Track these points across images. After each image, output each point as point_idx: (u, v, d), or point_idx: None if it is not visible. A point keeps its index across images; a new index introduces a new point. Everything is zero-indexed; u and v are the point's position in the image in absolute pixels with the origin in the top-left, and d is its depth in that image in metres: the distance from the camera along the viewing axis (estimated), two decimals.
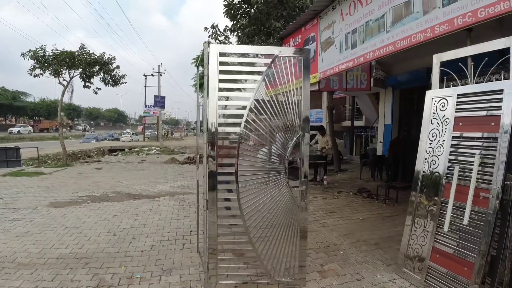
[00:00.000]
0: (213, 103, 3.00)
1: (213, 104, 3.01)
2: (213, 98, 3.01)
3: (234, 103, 3.13)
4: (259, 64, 3.18)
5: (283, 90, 3.17)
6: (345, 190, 8.51)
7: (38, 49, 13.28)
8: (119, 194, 8.11)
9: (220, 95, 3.03)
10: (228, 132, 3.12)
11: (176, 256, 4.20)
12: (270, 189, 3.20)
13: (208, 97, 2.99)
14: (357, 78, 11.59)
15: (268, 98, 3.16)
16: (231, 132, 3.12)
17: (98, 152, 23.43)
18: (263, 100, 3.12)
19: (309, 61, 3.24)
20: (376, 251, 4.43)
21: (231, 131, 3.11)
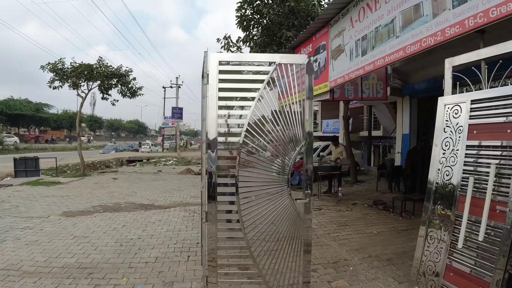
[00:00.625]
0: (213, 112, 2.93)
1: (213, 113, 2.93)
2: (213, 107, 2.94)
3: (234, 112, 3.05)
4: (261, 72, 3.09)
5: (288, 102, 3.07)
6: (360, 202, 8.25)
7: (57, 62, 13.70)
8: (131, 205, 8.13)
9: (220, 104, 2.95)
10: (228, 142, 3.04)
11: (179, 269, 4.11)
12: (272, 201, 3.07)
13: (208, 106, 2.92)
14: (372, 87, 11.39)
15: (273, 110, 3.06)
16: (230, 142, 3.03)
17: (117, 163, 23.79)
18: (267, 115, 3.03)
19: (312, 68, 3.13)
20: (388, 267, 4.21)
21: (230, 141, 3.02)
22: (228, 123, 2.98)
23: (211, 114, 2.93)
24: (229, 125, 2.98)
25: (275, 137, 3.05)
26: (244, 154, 3.01)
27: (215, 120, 2.93)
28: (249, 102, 2.98)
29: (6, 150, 32.74)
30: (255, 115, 3.00)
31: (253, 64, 3.08)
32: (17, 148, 37.20)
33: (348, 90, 10.72)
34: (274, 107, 3.07)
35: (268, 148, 3.07)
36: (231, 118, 2.99)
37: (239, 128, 2.98)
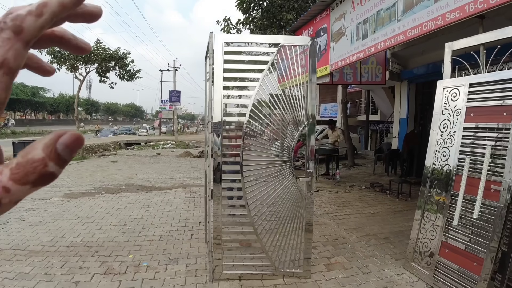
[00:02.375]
0: (219, 92, 3.00)
1: (218, 94, 3.00)
2: (218, 88, 3.00)
3: (240, 92, 3.12)
4: (265, 53, 3.15)
5: (291, 84, 3.14)
6: (357, 184, 8.41)
7: None
8: (132, 186, 8.23)
9: (225, 85, 3.01)
10: (233, 122, 3.12)
11: (183, 246, 4.24)
12: (276, 180, 3.18)
13: (213, 87, 2.98)
14: (371, 71, 11.41)
15: (276, 91, 3.13)
16: (235, 123, 3.11)
17: (115, 146, 23.77)
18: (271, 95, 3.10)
19: (315, 50, 3.18)
20: (385, 245, 4.36)
21: (235, 121, 3.10)
22: (233, 104, 3.05)
23: (216, 94, 2.99)
24: (234, 105, 3.05)
25: (278, 118, 3.13)
26: (248, 135, 3.10)
27: (221, 100, 3.00)
28: (253, 83, 3.04)
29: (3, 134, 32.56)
30: (259, 96, 3.07)
31: (258, 45, 3.13)
32: (14, 132, 36.98)
33: (347, 74, 10.74)
34: (278, 89, 3.14)
35: (271, 129, 3.15)
36: (236, 99, 3.06)
37: (244, 108, 3.05)
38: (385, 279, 3.43)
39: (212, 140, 3.00)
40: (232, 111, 3.09)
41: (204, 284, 3.26)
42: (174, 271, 3.53)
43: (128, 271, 3.52)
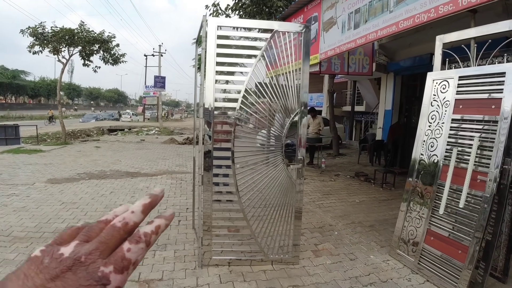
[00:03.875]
0: (211, 77, 2.95)
1: (211, 78, 2.95)
2: (211, 73, 2.95)
3: (232, 78, 3.08)
4: (258, 39, 3.11)
5: (283, 71, 3.12)
6: (342, 173, 8.52)
7: (38, 26, 13.08)
8: (117, 172, 8.11)
9: (218, 69, 2.97)
10: (225, 107, 3.08)
11: (171, 232, 4.22)
12: (266, 167, 3.18)
13: (206, 71, 2.93)
14: (359, 62, 11.48)
15: (268, 78, 3.10)
16: (227, 108, 3.07)
17: (98, 132, 23.36)
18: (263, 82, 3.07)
19: (310, 37, 3.17)
20: (371, 232, 4.45)
21: (227, 107, 3.07)
22: (226, 89, 3.01)
23: (208, 79, 2.95)
24: (227, 91, 3.02)
25: (269, 105, 3.11)
26: (240, 121, 3.07)
27: (213, 85, 2.95)
28: (246, 69, 3.01)
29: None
30: (252, 82, 3.04)
31: (252, 30, 3.09)
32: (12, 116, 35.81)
33: (334, 64, 10.77)
34: (269, 76, 3.12)
35: (263, 116, 3.13)
36: (228, 84, 3.02)
37: (236, 94, 3.02)
38: (371, 265, 3.51)
39: (202, 126, 2.97)
40: (224, 96, 3.05)
41: (193, 269, 3.26)
42: (162, 257, 3.52)
43: None
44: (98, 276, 0.30)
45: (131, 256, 0.33)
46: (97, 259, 0.32)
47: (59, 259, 0.31)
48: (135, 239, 0.34)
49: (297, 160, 3.14)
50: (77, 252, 0.32)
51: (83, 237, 0.34)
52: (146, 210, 0.37)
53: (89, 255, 0.31)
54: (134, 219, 0.36)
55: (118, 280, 0.32)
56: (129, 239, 0.34)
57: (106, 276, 0.31)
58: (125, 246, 0.33)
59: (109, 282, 0.31)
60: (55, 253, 0.32)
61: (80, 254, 0.31)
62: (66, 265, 0.30)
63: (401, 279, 3.26)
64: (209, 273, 3.20)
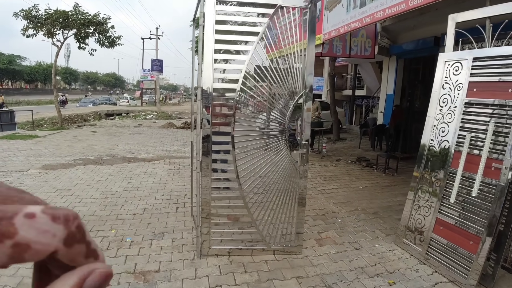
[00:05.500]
0: (209, 56, 2.74)
1: (209, 58, 2.74)
2: (209, 52, 2.73)
3: (232, 57, 2.86)
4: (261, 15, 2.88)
5: (286, 52, 2.90)
6: (344, 158, 8.36)
7: (31, 8, 12.64)
8: (113, 157, 7.94)
9: (217, 48, 2.75)
10: (224, 89, 2.89)
11: (169, 220, 4.07)
12: (268, 152, 3.00)
13: (204, 50, 2.72)
14: (361, 44, 11.17)
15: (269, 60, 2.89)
16: (227, 89, 2.88)
17: (95, 116, 23.07)
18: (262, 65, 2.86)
19: (316, 14, 2.94)
20: (375, 220, 4.32)
21: (227, 88, 2.87)
22: (225, 69, 2.80)
23: (206, 59, 2.73)
24: (226, 71, 2.81)
25: (272, 87, 2.91)
26: (241, 104, 2.88)
27: (211, 65, 2.74)
28: (247, 47, 2.79)
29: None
30: (254, 62, 2.83)
31: (254, 5, 2.86)
32: None
33: (336, 47, 10.49)
34: (272, 56, 2.91)
35: (265, 98, 2.93)
36: (228, 64, 2.81)
37: (236, 74, 2.81)
38: (377, 255, 3.37)
39: (200, 109, 2.77)
40: (223, 77, 2.84)
41: (191, 260, 3.12)
42: (159, 246, 3.37)
43: (110, 247, 3.34)
44: None
45: None
46: None
47: None
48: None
49: (301, 145, 2.96)
50: None
51: None
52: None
53: None
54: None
55: None
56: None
57: None
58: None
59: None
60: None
61: None
62: None
63: (408, 269, 3.13)
64: (208, 264, 3.06)
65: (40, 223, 0.22)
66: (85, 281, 0.23)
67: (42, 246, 0.22)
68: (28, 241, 0.21)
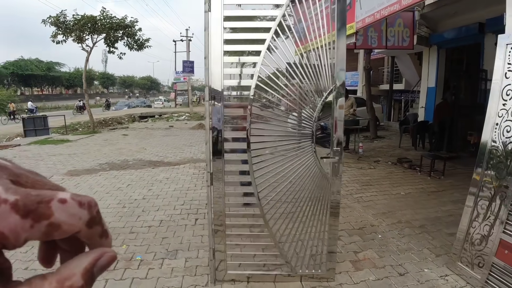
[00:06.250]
0: (218, 48, 2.28)
1: (218, 50, 2.29)
2: (217, 42, 2.28)
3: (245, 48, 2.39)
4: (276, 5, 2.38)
5: (313, 46, 2.39)
6: (382, 159, 7.63)
7: (59, 14, 12.88)
8: (139, 161, 7.74)
9: (227, 38, 2.29)
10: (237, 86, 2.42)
11: (185, 234, 3.68)
12: (292, 159, 2.50)
13: (210, 40, 2.27)
14: (398, 34, 10.34)
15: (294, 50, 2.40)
16: (240, 87, 2.41)
17: (129, 119, 23.46)
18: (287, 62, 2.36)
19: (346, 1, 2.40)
20: (422, 235, 3.68)
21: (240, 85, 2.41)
22: (237, 63, 2.34)
23: (214, 50, 2.28)
24: (238, 64, 2.34)
25: (295, 82, 2.41)
26: (257, 102, 2.40)
27: (220, 58, 2.29)
28: (264, 35, 2.30)
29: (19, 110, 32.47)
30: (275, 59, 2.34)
31: None
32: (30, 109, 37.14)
33: (371, 38, 9.75)
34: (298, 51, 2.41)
35: (287, 95, 2.44)
36: (241, 56, 2.34)
37: (251, 68, 2.34)
38: (426, 283, 2.77)
39: (209, 111, 2.32)
40: (235, 72, 2.38)
41: (204, 286, 2.69)
42: (170, 267, 2.97)
43: (117, 267, 2.97)
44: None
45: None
46: None
47: None
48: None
49: (333, 151, 2.43)
50: None
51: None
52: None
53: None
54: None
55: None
56: None
57: None
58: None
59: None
60: None
61: None
62: None
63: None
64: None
65: (70, 207, 0.26)
66: (97, 262, 0.27)
67: (70, 226, 0.26)
68: (60, 222, 0.25)
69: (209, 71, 2.28)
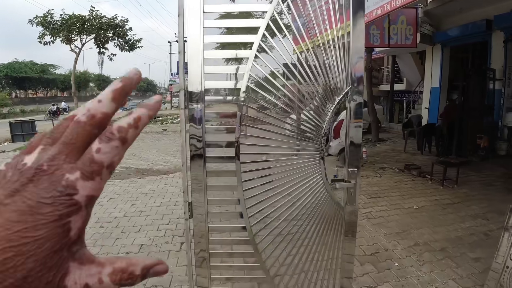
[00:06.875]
0: (196, 41, 1.72)
1: (196, 44, 1.73)
2: (196, 34, 1.72)
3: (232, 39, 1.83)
4: None
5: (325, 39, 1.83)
6: (388, 165, 7.07)
7: (46, 14, 12.31)
8: (126, 170, 7.17)
9: (207, 26, 1.73)
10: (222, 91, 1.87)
11: (168, 263, 3.09)
12: (294, 183, 1.93)
13: (186, 28, 1.71)
14: (401, 32, 9.88)
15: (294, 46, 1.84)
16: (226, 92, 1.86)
17: None
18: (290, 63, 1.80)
19: None
20: (444, 262, 3.13)
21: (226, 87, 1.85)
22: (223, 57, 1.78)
23: (192, 43, 1.72)
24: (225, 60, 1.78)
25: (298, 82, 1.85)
26: (250, 110, 1.84)
27: (200, 52, 1.72)
28: (258, 21, 1.74)
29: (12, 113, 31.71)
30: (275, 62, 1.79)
31: None
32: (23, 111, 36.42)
33: (373, 36, 9.28)
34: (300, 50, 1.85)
35: (285, 102, 1.88)
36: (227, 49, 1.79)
37: (242, 65, 1.77)
38: None
39: (184, 121, 1.76)
40: (220, 70, 1.81)
41: None
42: None
43: None
44: (62, 185, 0.24)
45: (102, 158, 0.26)
46: (62, 164, 0.25)
47: (21, 169, 0.25)
48: (106, 136, 0.27)
49: (348, 172, 1.87)
50: (40, 159, 0.25)
51: (48, 140, 0.27)
52: (118, 97, 0.28)
53: (52, 161, 0.25)
54: (102, 110, 0.27)
55: (89, 188, 0.25)
56: (99, 137, 0.27)
57: (71, 185, 0.25)
58: (94, 146, 0.26)
59: (76, 192, 0.25)
60: (18, 164, 0.25)
61: (43, 161, 0.25)
62: (27, 176, 0.24)
63: None
64: None
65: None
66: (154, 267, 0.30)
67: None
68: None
69: (184, 70, 1.72)
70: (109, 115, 0.27)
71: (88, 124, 0.26)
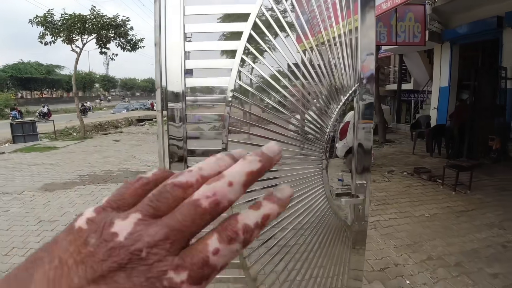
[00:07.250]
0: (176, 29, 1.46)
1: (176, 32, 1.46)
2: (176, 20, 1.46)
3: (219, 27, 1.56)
4: None
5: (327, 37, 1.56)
6: (397, 169, 6.74)
7: (46, 14, 12.15)
8: (124, 173, 6.97)
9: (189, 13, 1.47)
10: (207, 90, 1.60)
11: None
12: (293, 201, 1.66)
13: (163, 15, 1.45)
14: (409, 30, 9.58)
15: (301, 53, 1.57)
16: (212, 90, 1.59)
17: (126, 122, 22.68)
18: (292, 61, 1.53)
19: None
20: (461, 279, 2.84)
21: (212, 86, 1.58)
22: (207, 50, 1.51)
23: (171, 33, 1.46)
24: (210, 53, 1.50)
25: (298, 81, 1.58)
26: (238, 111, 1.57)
27: (180, 44, 1.46)
28: (249, 7, 1.47)
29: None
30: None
31: None
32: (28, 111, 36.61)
33: (380, 33, 8.96)
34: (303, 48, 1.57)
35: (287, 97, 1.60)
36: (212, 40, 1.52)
37: (229, 59, 1.50)
38: None
39: (162, 126, 1.50)
40: (204, 65, 1.54)
41: None
42: None
43: None
44: (163, 286, 0.20)
45: (218, 262, 0.22)
46: (166, 256, 0.21)
47: (109, 244, 0.20)
48: (228, 236, 0.22)
49: (356, 186, 1.59)
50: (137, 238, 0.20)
51: (149, 209, 0.22)
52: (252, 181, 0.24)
53: (153, 248, 0.20)
54: (231, 197, 0.23)
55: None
56: (218, 232, 0.22)
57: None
58: (212, 244, 0.22)
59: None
60: (106, 230, 0.21)
61: (141, 244, 0.20)
62: (118, 261, 0.20)
63: None
64: None
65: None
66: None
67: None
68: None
69: (161, 65, 1.45)
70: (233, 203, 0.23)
71: (209, 213, 0.22)
